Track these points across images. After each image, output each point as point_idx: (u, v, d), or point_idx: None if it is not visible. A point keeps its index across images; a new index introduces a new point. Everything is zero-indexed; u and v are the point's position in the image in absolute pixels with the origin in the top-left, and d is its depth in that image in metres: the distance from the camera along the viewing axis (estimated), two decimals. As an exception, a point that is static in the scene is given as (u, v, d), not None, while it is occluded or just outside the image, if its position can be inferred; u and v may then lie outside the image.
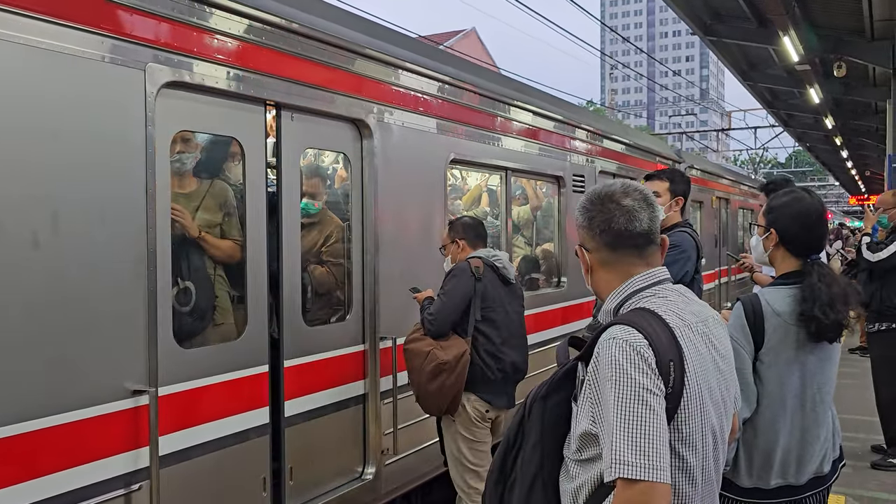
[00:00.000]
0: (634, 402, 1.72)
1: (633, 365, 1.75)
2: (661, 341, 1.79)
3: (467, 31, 59.04)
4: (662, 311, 1.87)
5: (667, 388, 1.76)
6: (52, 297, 2.88)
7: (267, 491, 3.92)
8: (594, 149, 8.04)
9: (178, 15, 3.37)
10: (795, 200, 2.99)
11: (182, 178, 3.78)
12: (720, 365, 1.95)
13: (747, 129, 34.21)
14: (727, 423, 1.97)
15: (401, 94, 4.89)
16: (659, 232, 2.05)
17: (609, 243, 2.00)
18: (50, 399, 2.87)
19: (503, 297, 4.54)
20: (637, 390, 1.72)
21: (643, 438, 1.69)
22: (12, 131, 2.76)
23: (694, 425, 1.81)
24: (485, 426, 4.44)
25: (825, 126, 20.63)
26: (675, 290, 2.00)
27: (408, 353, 4.39)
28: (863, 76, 15.47)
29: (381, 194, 4.67)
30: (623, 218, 1.98)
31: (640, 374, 1.74)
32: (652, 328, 1.82)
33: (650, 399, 1.72)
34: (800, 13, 11.04)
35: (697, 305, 2.01)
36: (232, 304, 3.96)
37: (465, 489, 4.44)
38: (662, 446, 1.70)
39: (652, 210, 2.01)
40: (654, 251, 2.03)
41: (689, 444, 1.81)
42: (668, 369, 1.76)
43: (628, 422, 1.70)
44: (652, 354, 1.76)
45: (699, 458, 1.83)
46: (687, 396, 1.79)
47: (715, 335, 1.97)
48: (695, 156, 17.63)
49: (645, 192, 2.04)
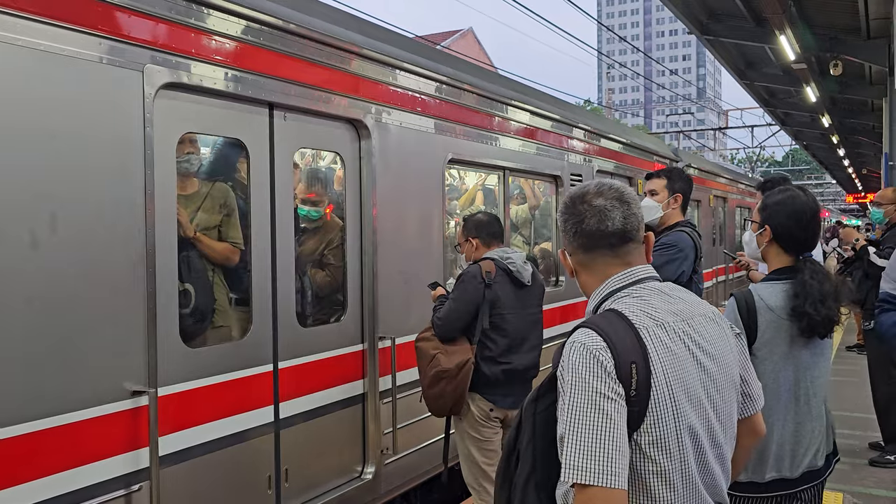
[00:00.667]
0: (588, 407, 1.71)
1: (588, 369, 1.74)
2: (623, 343, 1.77)
3: (464, 31, 59.08)
4: (630, 312, 1.85)
5: (629, 391, 1.74)
6: (50, 298, 2.88)
7: (272, 489, 3.93)
8: (591, 148, 8.06)
9: (175, 16, 3.38)
10: (790, 198, 3.02)
11: (183, 179, 3.79)
12: (705, 364, 1.89)
13: (744, 128, 34.27)
14: (722, 426, 1.91)
15: (398, 94, 4.90)
16: (638, 229, 1.99)
17: (583, 245, 1.99)
18: (49, 400, 2.87)
19: (516, 302, 4.37)
20: (591, 395, 1.72)
21: (596, 443, 1.68)
22: (10, 132, 2.77)
23: (666, 428, 1.78)
24: (492, 425, 4.38)
25: (822, 124, 20.66)
26: (655, 289, 1.95)
27: (417, 350, 4.38)
28: (859, 74, 15.49)
29: (379, 194, 4.68)
30: (594, 218, 1.95)
31: (595, 379, 1.73)
32: (613, 330, 1.79)
33: (604, 404, 1.71)
34: (796, 12, 11.06)
35: (682, 304, 1.95)
36: (234, 305, 3.97)
37: (475, 487, 4.43)
38: (616, 451, 1.68)
39: (627, 208, 1.96)
40: (632, 249, 1.98)
41: (661, 447, 1.78)
42: (630, 372, 1.74)
43: (581, 426, 1.70)
44: (610, 358, 1.74)
45: (676, 462, 1.80)
46: (655, 399, 1.76)
47: (702, 334, 1.92)
48: (692, 154, 17.66)
49: (621, 190, 2.00)
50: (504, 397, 4.35)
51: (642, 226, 2.01)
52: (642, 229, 2.01)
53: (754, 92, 19.83)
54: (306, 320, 4.33)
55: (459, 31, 58.96)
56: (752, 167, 40.47)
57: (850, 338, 12.49)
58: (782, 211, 2.99)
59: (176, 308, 3.47)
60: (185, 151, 3.75)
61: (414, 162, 5.08)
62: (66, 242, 2.94)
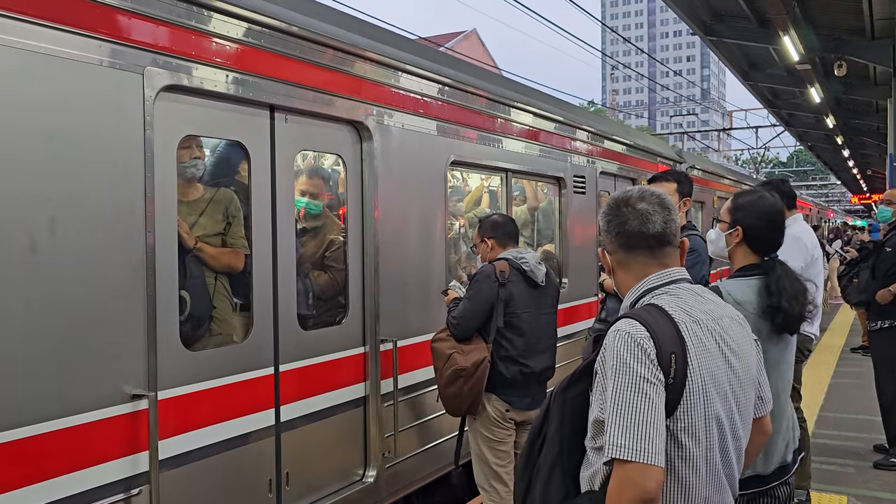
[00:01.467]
0: (631, 389, 1.84)
1: (633, 355, 1.87)
2: (664, 335, 1.90)
3: (468, 33, 59.07)
4: (669, 308, 1.98)
5: (667, 378, 1.87)
6: (49, 301, 2.87)
7: (273, 492, 3.91)
8: (595, 150, 8.04)
9: (176, 18, 3.37)
10: (761, 199, 3.12)
11: (186, 184, 3.79)
12: (732, 361, 2.02)
13: (749, 129, 34.18)
14: (741, 420, 2.04)
15: (400, 96, 4.89)
16: (676, 234, 2.13)
17: (624, 245, 2.13)
18: (47, 403, 2.86)
19: (530, 301, 4.40)
20: (634, 379, 1.85)
21: (637, 423, 1.81)
22: (9, 134, 2.76)
23: (697, 416, 1.91)
24: (506, 426, 4.38)
25: (826, 125, 20.61)
26: (690, 289, 2.08)
27: (433, 351, 4.41)
28: (863, 75, 15.44)
29: (381, 196, 4.66)
30: (636, 221, 2.10)
31: (639, 364, 1.86)
32: (656, 322, 1.93)
33: (646, 387, 1.84)
34: (800, 13, 11.02)
35: (713, 305, 2.09)
36: (234, 308, 3.96)
37: (486, 487, 4.42)
38: (655, 432, 1.81)
39: (667, 213, 2.11)
40: (669, 252, 2.12)
41: (691, 434, 1.90)
42: (670, 361, 1.87)
43: (624, 408, 1.83)
44: (652, 346, 1.88)
45: (702, 448, 1.93)
46: (690, 388, 1.89)
47: (729, 334, 2.05)
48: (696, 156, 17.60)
49: (662, 196, 2.15)
50: (521, 398, 4.36)
51: (679, 231, 2.15)
52: (678, 234, 2.15)
53: (758, 93, 19.78)
54: (307, 323, 4.32)
55: (463, 32, 58.95)
56: (756, 168, 40.37)
57: (854, 339, 12.45)
58: (755, 212, 3.09)
59: (176, 311, 3.46)
60: (192, 157, 3.75)
61: (416, 164, 5.07)
62: (66, 245, 2.93)
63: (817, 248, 5.32)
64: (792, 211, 5.43)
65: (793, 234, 5.27)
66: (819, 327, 5.93)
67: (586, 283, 7.79)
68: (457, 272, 6.04)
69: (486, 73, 6.63)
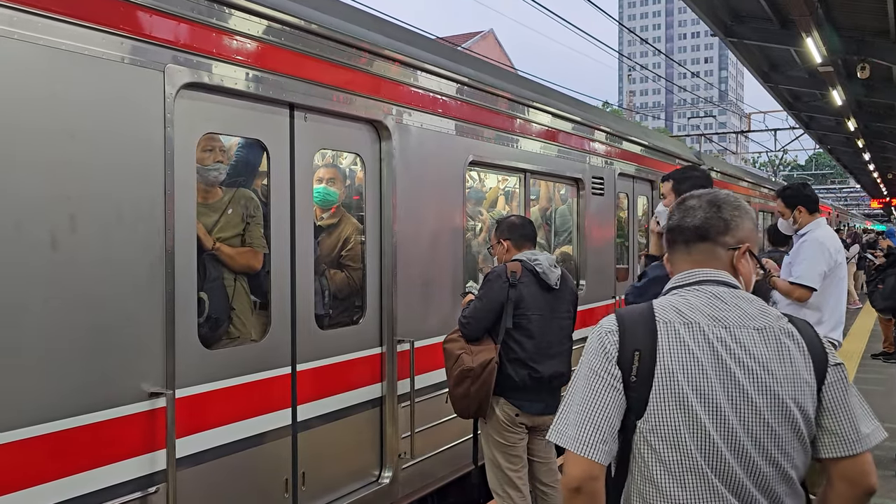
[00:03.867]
0: (581, 381, 1.91)
1: (593, 349, 1.93)
2: (633, 333, 1.90)
3: (485, 33, 59.02)
4: (661, 307, 1.95)
5: (627, 376, 1.87)
6: (68, 298, 2.87)
7: (289, 492, 3.90)
8: (613, 151, 7.98)
9: (196, 16, 3.36)
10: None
11: (207, 186, 3.79)
12: (737, 375, 1.85)
13: (767, 132, 33.89)
14: (752, 442, 1.84)
15: (419, 95, 4.86)
16: (723, 234, 2.02)
17: (667, 240, 2.12)
18: (66, 401, 2.86)
19: (542, 304, 4.33)
20: (586, 372, 1.92)
21: (576, 414, 1.87)
22: (31, 132, 2.76)
23: (668, 419, 1.84)
24: (517, 430, 4.32)
25: (847, 128, 20.37)
26: (709, 293, 1.96)
27: (444, 352, 4.38)
28: (886, 77, 15.24)
29: (399, 196, 4.64)
30: (679, 215, 2.08)
31: (594, 358, 1.91)
32: (631, 319, 1.93)
33: (594, 381, 1.89)
34: (822, 14, 10.89)
35: (735, 312, 1.92)
36: (252, 307, 3.95)
37: (500, 493, 4.37)
38: (592, 424, 1.85)
39: (715, 210, 2.04)
40: (705, 250, 2.03)
41: (661, 436, 1.85)
42: (632, 359, 1.87)
43: (572, 397, 1.91)
44: (615, 342, 1.90)
45: (680, 454, 1.84)
46: (657, 389, 1.85)
47: (744, 345, 1.88)
48: (714, 158, 17.47)
49: (717, 195, 2.08)
50: (531, 403, 4.30)
51: (735, 232, 2.03)
52: (732, 235, 2.03)
53: (778, 95, 19.59)
54: (325, 322, 4.30)
55: (480, 32, 58.90)
56: (774, 171, 40.05)
57: (875, 345, 12.29)
58: None
59: (194, 309, 3.45)
60: (215, 160, 3.75)
61: (434, 163, 5.04)
62: (85, 243, 2.93)
63: (841, 252, 5.23)
64: (815, 215, 5.35)
65: (816, 238, 5.19)
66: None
67: (604, 286, 7.73)
68: (478, 273, 6.00)
69: (504, 73, 6.60)
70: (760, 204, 16.38)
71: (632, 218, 8.80)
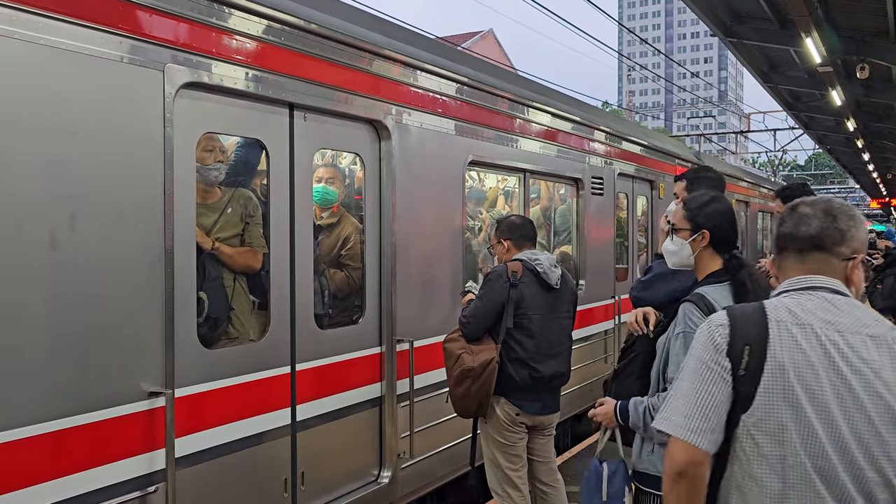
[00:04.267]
0: (691, 371, 1.96)
1: (702, 341, 1.98)
2: (745, 327, 1.93)
3: (485, 33, 58.99)
4: (772, 306, 1.97)
5: (737, 369, 1.90)
6: (68, 297, 2.87)
7: (288, 492, 3.90)
8: (613, 151, 7.98)
9: (196, 15, 3.36)
10: (717, 200, 3.12)
11: (206, 186, 3.78)
12: (850, 380, 1.86)
13: (767, 132, 33.90)
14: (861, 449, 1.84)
15: (419, 95, 4.86)
16: (840, 244, 2.00)
17: (777, 247, 2.12)
18: (65, 400, 2.86)
19: (542, 304, 4.34)
20: (695, 363, 1.96)
21: (684, 401, 1.92)
22: (31, 131, 2.76)
23: (774, 414, 1.87)
24: (517, 430, 4.33)
25: (846, 128, 20.38)
26: (822, 298, 1.96)
27: (444, 351, 4.38)
28: (886, 78, 15.24)
29: (398, 195, 4.64)
30: (792, 223, 2.07)
31: (703, 350, 1.96)
32: (743, 314, 1.97)
33: (703, 372, 1.93)
34: (822, 14, 10.89)
35: (848, 318, 1.93)
36: (252, 306, 3.95)
37: (499, 492, 4.38)
38: (700, 413, 1.89)
39: (831, 220, 2.01)
40: (819, 259, 2.02)
41: (766, 431, 1.88)
42: (741, 353, 1.90)
43: (680, 386, 1.96)
44: (725, 335, 1.94)
45: (787, 452, 1.86)
46: (766, 383, 1.88)
47: (857, 351, 1.89)
48: (714, 158, 17.48)
49: (832, 203, 2.06)
50: (531, 403, 4.31)
51: (850, 242, 2.02)
52: (848, 246, 2.02)
53: (777, 95, 19.59)
54: (324, 322, 4.30)
55: (480, 32, 58.88)
56: (773, 171, 40.07)
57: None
58: (718, 212, 3.06)
59: (194, 308, 3.45)
60: (216, 160, 3.75)
61: (434, 163, 5.04)
62: (85, 242, 2.93)
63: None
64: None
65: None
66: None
67: (603, 286, 7.73)
68: (475, 273, 6.00)
69: (504, 73, 6.60)
70: (760, 204, 16.38)
71: (631, 218, 8.80)
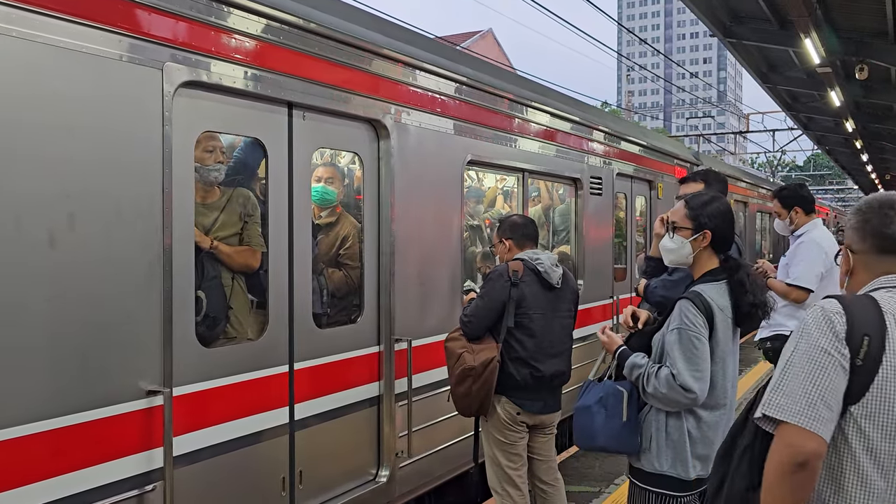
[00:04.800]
0: (806, 358, 1.83)
1: (819, 328, 1.85)
2: (862, 317, 1.85)
3: (484, 33, 58.97)
4: (882, 299, 1.91)
5: (855, 358, 1.82)
6: (67, 296, 2.87)
7: (286, 490, 3.90)
8: (612, 151, 7.98)
9: (195, 14, 3.36)
10: (718, 200, 3.15)
11: (205, 185, 3.78)
12: None
13: (765, 132, 33.90)
14: None
15: (418, 94, 4.86)
16: None
17: (877, 246, 2.02)
18: (64, 398, 2.86)
19: (544, 303, 4.35)
20: (812, 349, 1.84)
21: (803, 389, 1.79)
22: (30, 129, 2.76)
23: (887, 406, 1.82)
24: (518, 429, 4.34)
25: (845, 129, 20.39)
26: None
27: (446, 350, 4.39)
28: (885, 78, 15.25)
29: (397, 195, 4.64)
30: (877, 220, 2.00)
31: (821, 336, 1.84)
32: (857, 304, 1.89)
33: (822, 358, 1.82)
34: (821, 15, 10.90)
35: None
36: (250, 305, 3.95)
37: (499, 491, 4.39)
38: (821, 401, 1.78)
39: None
40: None
41: (876, 423, 1.82)
42: (860, 342, 1.83)
43: (792, 372, 1.83)
44: (844, 323, 1.84)
45: (893, 444, 1.83)
46: (883, 374, 1.82)
47: None
48: (712, 158, 17.49)
49: None
50: (532, 402, 4.32)
51: None
52: None
53: (777, 96, 19.60)
54: (322, 321, 4.31)
55: (479, 32, 58.86)
56: (772, 171, 40.10)
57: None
58: (719, 212, 3.09)
59: (192, 307, 3.45)
60: (216, 161, 3.75)
61: (433, 163, 5.04)
62: (84, 240, 2.93)
63: (838, 252, 5.24)
64: (811, 215, 5.37)
65: (813, 238, 5.20)
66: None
67: (602, 286, 7.74)
68: (473, 272, 6.01)
69: (503, 73, 6.60)
70: (759, 204, 16.41)
71: (630, 218, 8.80)
